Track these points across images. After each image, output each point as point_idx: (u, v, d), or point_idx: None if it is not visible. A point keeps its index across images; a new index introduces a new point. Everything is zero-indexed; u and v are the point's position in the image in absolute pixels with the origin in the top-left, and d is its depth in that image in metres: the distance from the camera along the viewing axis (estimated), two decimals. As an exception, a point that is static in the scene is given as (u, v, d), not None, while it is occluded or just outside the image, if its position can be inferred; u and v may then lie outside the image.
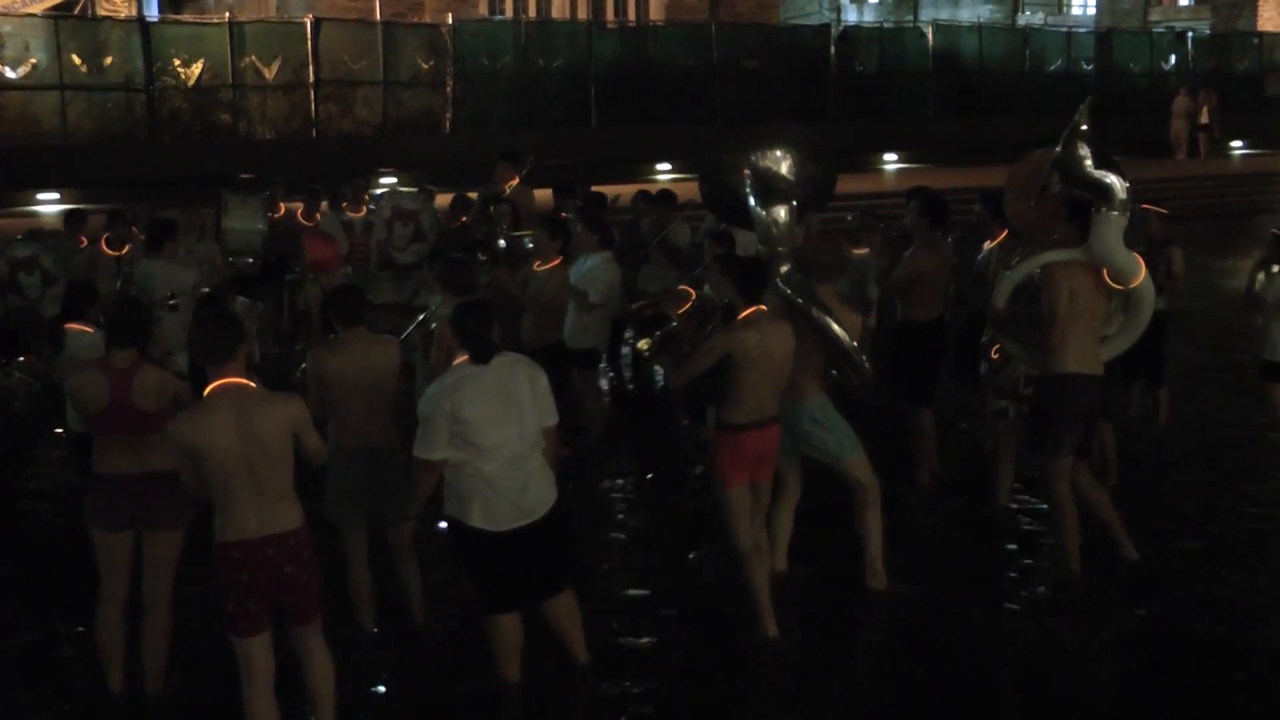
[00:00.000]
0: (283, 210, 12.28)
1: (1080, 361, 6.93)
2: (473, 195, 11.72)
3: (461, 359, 5.61)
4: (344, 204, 11.82)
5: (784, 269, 6.86)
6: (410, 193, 11.88)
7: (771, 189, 6.97)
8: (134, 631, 5.90)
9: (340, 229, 11.33)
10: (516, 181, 11.20)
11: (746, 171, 7.04)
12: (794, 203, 6.97)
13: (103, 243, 10.16)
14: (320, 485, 6.19)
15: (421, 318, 7.05)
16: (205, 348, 5.19)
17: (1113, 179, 6.88)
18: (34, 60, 21.62)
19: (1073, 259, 6.94)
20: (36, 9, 24.35)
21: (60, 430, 8.61)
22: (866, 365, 6.91)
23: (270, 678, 5.21)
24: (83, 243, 10.39)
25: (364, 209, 11.61)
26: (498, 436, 5.51)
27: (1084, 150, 6.94)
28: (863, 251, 9.15)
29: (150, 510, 5.71)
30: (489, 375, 5.54)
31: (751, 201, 6.99)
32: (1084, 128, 6.95)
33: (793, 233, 6.97)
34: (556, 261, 8.73)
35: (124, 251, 10.05)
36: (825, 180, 7.39)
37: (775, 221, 6.91)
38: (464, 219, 11.14)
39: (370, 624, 6.47)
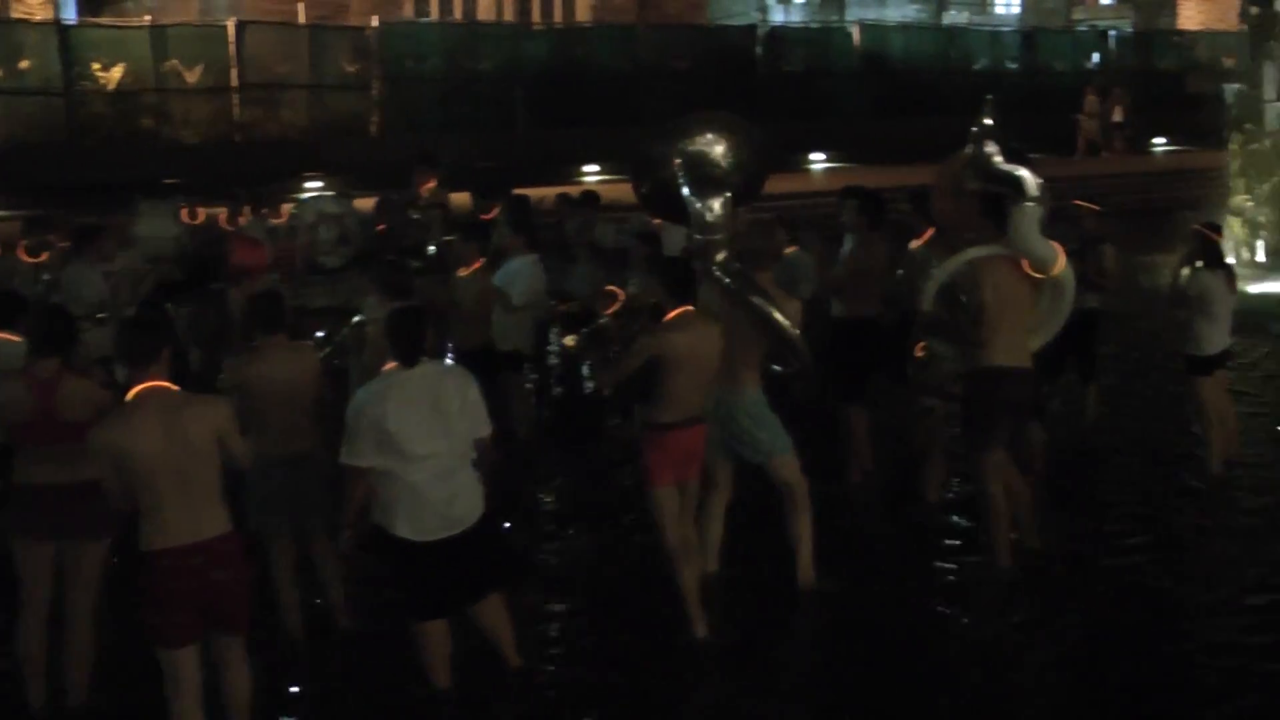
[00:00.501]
0: (202, 216, 12.14)
1: (1008, 355, 7.01)
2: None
3: (391, 365, 5.57)
4: (263, 210, 11.68)
5: (720, 257, 6.85)
6: (333, 197, 11.82)
7: (704, 177, 6.96)
8: (56, 644, 5.80)
9: (264, 234, 11.24)
10: (434, 185, 11.16)
11: (678, 161, 7.02)
12: (728, 192, 6.96)
13: (20, 250, 9.95)
14: (239, 496, 6.11)
15: (355, 321, 7.01)
16: (127, 351, 5.17)
17: (1023, 172, 7.02)
18: (-54, 64, 21.29)
19: (994, 253, 7.04)
20: (-54, 12, 23.93)
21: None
22: (807, 352, 6.94)
23: (199, 689, 5.16)
24: None
25: (286, 214, 11.51)
26: (425, 446, 5.49)
27: (991, 147, 7.08)
28: (793, 250, 9.20)
29: (74, 522, 5.62)
30: (416, 383, 5.51)
31: (685, 191, 6.98)
32: (987, 122, 7.06)
33: (728, 220, 6.97)
34: (478, 264, 8.71)
35: (43, 259, 9.86)
36: (759, 168, 7.38)
37: (709, 209, 6.90)
38: (379, 227, 11.06)
39: (297, 632, 6.43)
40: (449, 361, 6.14)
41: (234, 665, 5.29)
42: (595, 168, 24.54)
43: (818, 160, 27.95)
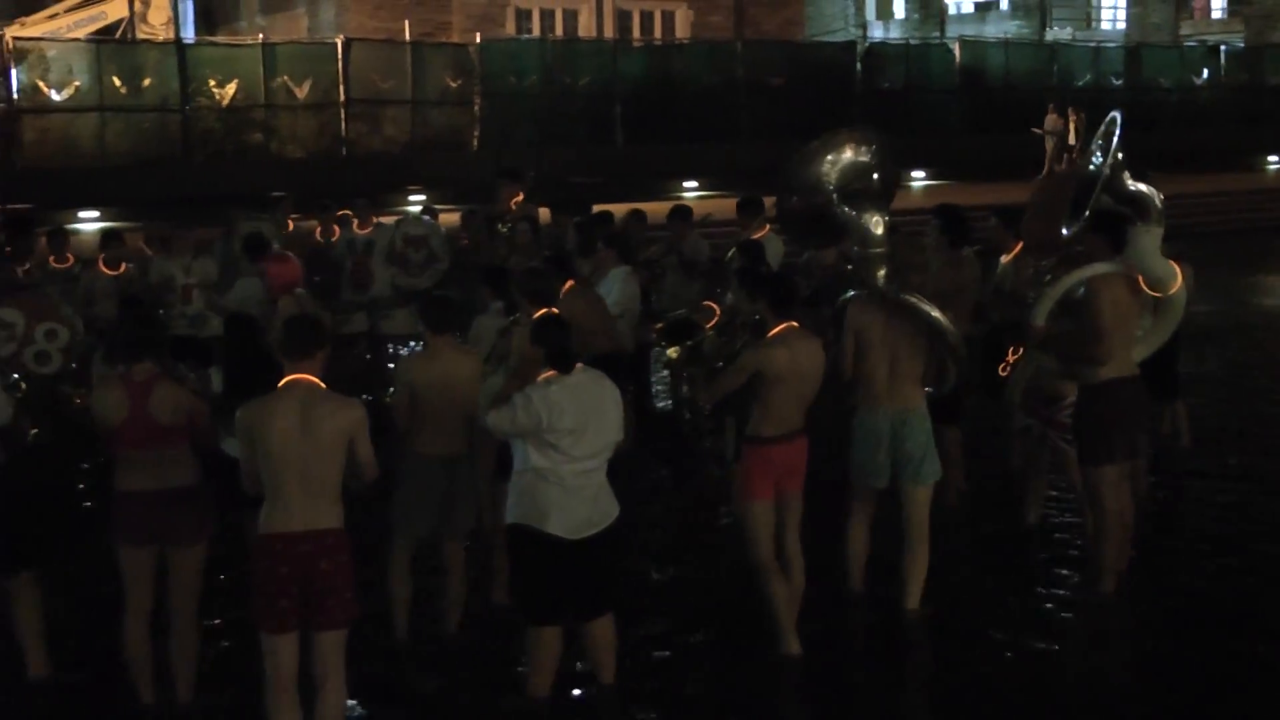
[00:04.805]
0: (291, 226, 12.47)
1: (1118, 367, 6.99)
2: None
3: (550, 373, 5.74)
4: (355, 222, 11.98)
5: (882, 272, 6.84)
6: (416, 218, 12.04)
7: (860, 191, 6.93)
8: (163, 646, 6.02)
9: (346, 247, 11.60)
10: (521, 198, 11.33)
11: (831, 177, 6.95)
12: (884, 205, 6.96)
13: (100, 263, 10.31)
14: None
15: (510, 323, 7.16)
16: (285, 344, 5.43)
17: (1150, 192, 7.04)
18: (76, 83, 22.27)
19: (1112, 271, 6.99)
20: (81, 34, 24.92)
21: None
22: (966, 362, 6.99)
23: (293, 677, 5.36)
24: (70, 261, 10.43)
25: (370, 227, 11.78)
26: (584, 448, 5.68)
27: (1120, 165, 7.09)
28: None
29: (172, 527, 5.86)
30: (581, 387, 5.70)
31: (845, 207, 6.91)
32: (1120, 154, 7.06)
33: (886, 236, 6.93)
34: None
35: (121, 271, 10.22)
36: (892, 175, 7.36)
37: (872, 223, 6.87)
38: (464, 240, 11.25)
39: (404, 633, 6.59)
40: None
41: (330, 680, 5.41)
42: (693, 183, 24.77)
43: (917, 178, 27.87)
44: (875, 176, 7.00)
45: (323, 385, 5.37)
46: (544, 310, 6.51)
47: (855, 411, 6.98)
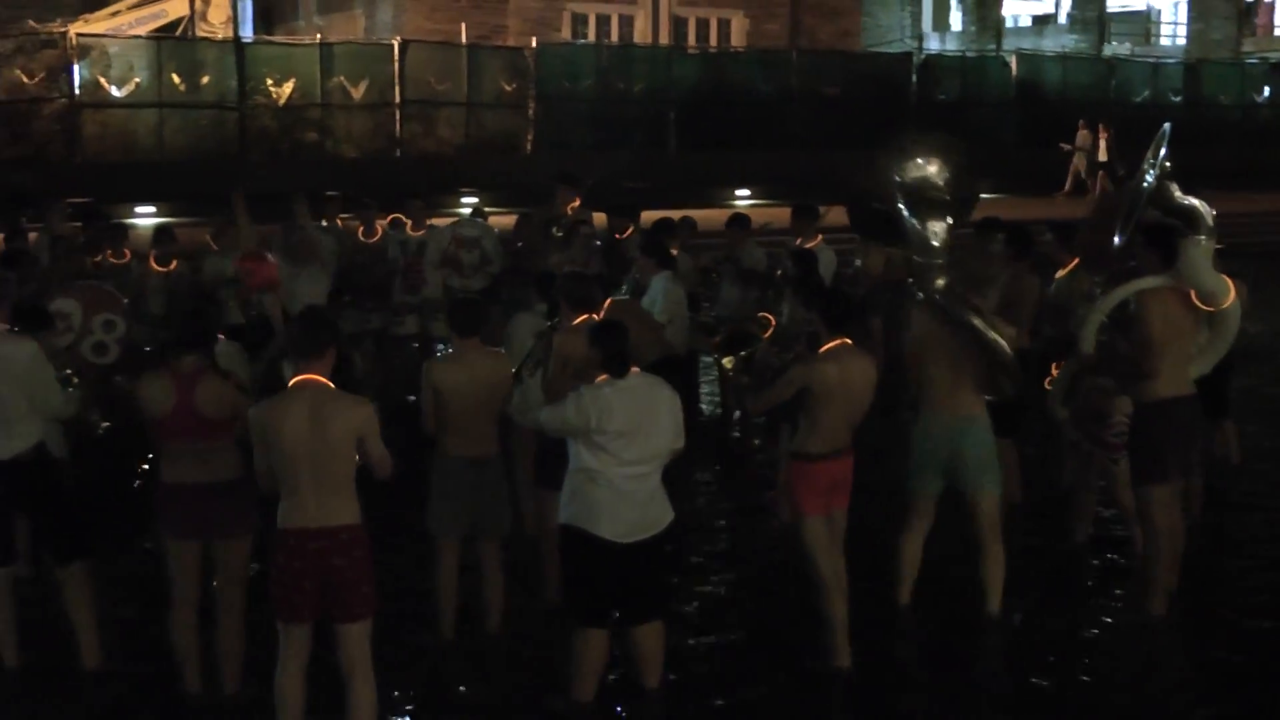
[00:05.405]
0: (340, 224, 12.51)
1: (1174, 385, 6.93)
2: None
3: (604, 377, 5.76)
4: (408, 224, 12.03)
5: (940, 282, 6.82)
6: (469, 220, 12.07)
7: (925, 200, 6.89)
8: (207, 637, 6.11)
9: (398, 247, 11.65)
10: (578, 204, 11.31)
11: (899, 183, 6.94)
12: (949, 216, 6.91)
13: (151, 260, 10.38)
14: (397, 493, 6.25)
15: (548, 328, 7.19)
16: (295, 344, 5.51)
17: (1200, 205, 6.99)
18: (137, 80, 22.60)
19: (1162, 285, 6.94)
20: (142, 31, 25.24)
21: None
22: (1020, 378, 6.95)
23: (303, 664, 5.46)
24: (127, 256, 10.50)
25: (423, 229, 11.83)
26: (635, 452, 5.70)
27: (1169, 179, 7.10)
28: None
29: (218, 520, 5.92)
30: (634, 391, 5.73)
31: (905, 213, 6.89)
32: (1168, 164, 7.03)
33: (948, 245, 6.89)
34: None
35: (172, 267, 10.31)
36: (969, 193, 7.31)
37: (933, 234, 6.84)
38: (519, 244, 11.25)
39: (450, 632, 6.65)
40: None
41: (358, 675, 5.46)
42: (745, 191, 24.73)
43: (969, 190, 27.62)
44: (949, 193, 6.91)
45: (331, 385, 5.41)
46: (585, 316, 6.54)
47: (915, 417, 6.97)
